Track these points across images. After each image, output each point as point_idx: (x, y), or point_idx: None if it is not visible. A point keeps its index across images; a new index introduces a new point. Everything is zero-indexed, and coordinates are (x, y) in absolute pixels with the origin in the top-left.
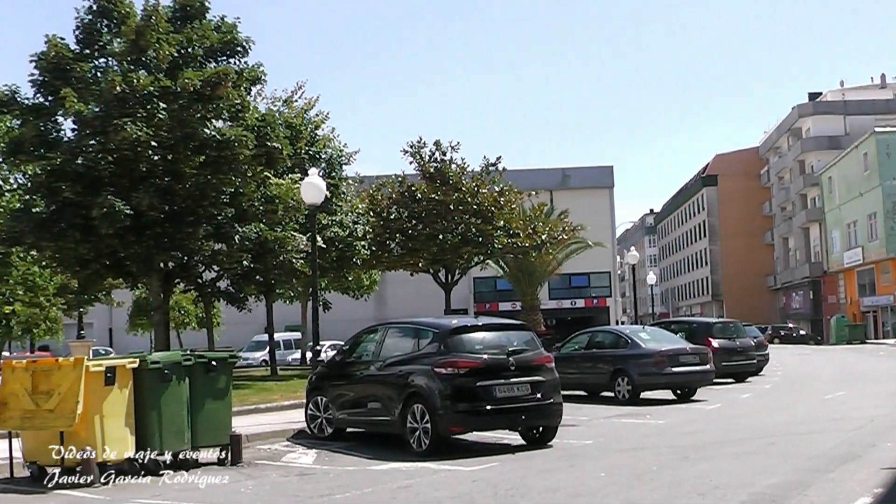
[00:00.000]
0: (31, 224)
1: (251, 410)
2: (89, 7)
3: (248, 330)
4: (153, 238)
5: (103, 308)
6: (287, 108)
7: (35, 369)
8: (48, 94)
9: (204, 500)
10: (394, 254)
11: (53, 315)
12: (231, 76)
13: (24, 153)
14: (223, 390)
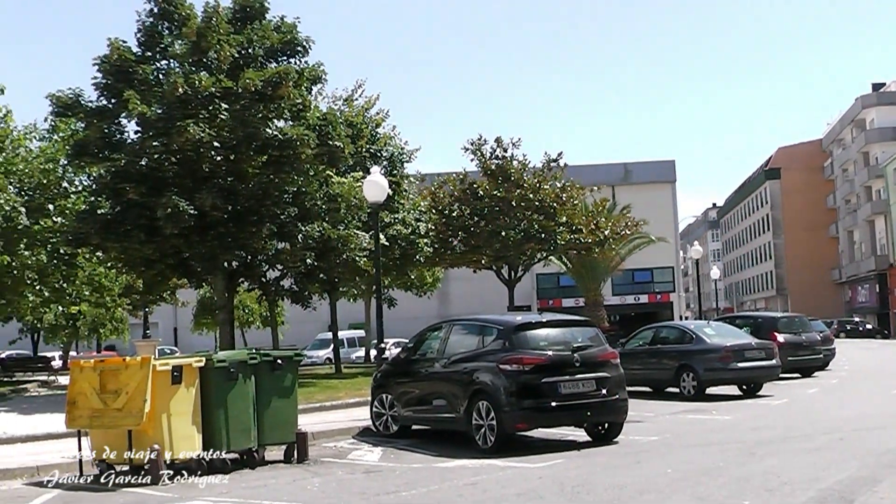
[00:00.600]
0: (97, 225)
1: (316, 408)
2: (150, 10)
3: (312, 328)
4: (217, 238)
5: (168, 308)
6: (347, 106)
7: (103, 369)
8: (111, 96)
9: (271, 497)
10: (456, 251)
11: (119, 315)
12: (292, 76)
13: (89, 155)
14: (289, 388)
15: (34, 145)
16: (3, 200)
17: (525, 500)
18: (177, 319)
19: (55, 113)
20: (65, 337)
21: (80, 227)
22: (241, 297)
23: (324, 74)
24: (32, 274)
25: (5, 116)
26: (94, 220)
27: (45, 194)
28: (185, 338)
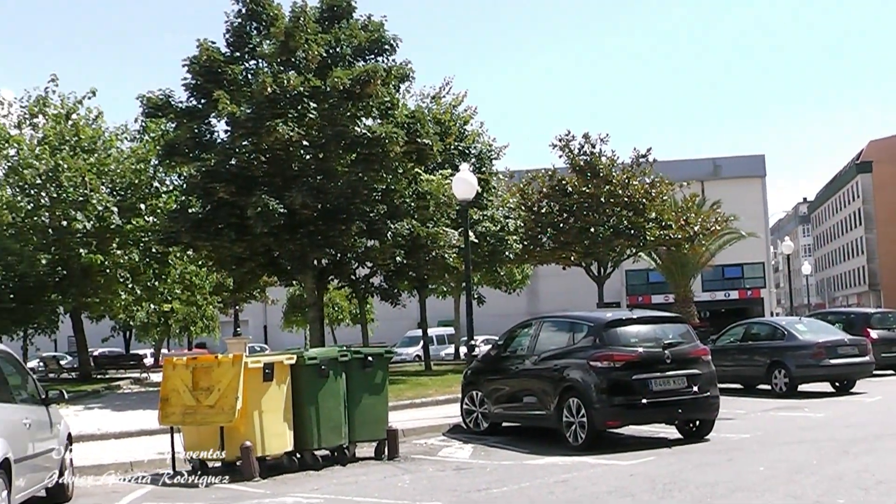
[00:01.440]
0: (188, 224)
1: (406, 405)
2: (239, 11)
3: (402, 325)
4: (307, 236)
5: (258, 305)
6: (435, 104)
7: (195, 366)
8: (201, 97)
9: (361, 494)
10: (545, 248)
11: (210, 313)
12: (380, 74)
13: (179, 155)
14: (379, 385)
15: (125, 146)
16: (96, 200)
17: (616, 497)
18: (266, 317)
19: (146, 114)
20: (156, 335)
21: (171, 226)
22: (330, 294)
23: (411, 72)
24: (125, 273)
25: (97, 118)
26: (185, 219)
27: (136, 194)
28: (275, 335)
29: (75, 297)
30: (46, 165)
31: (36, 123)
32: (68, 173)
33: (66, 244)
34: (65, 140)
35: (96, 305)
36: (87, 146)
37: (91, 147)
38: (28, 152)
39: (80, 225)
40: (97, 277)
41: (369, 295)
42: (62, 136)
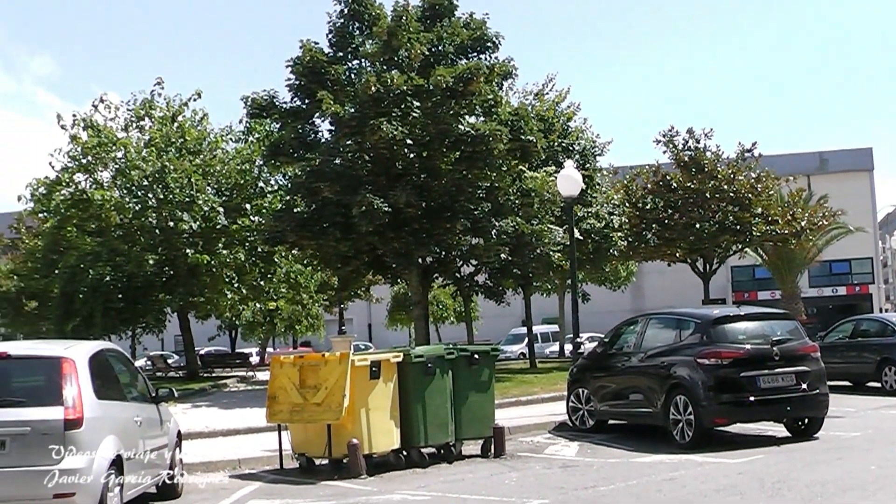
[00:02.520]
0: (293, 223)
1: (512, 403)
2: (341, 11)
3: (506, 323)
4: (412, 234)
5: (362, 304)
6: (539, 101)
7: (302, 364)
8: (305, 97)
9: (468, 492)
10: (650, 244)
11: (315, 312)
12: (483, 72)
13: (284, 155)
14: (486, 383)
15: (230, 147)
16: (202, 201)
17: (725, 495)
18: (371, 315)
19: (250, 115)
20: (262, 333)
21: (276, 225)
22: (435, 292)
23: (514, 70)
24: (230, 272)
25: (202, 120)
26: (290, 218)
27: (241, 194)
28: (380, 333)
29: (182, 297)
30: (153, 167)
31: (142, 126)
32: (174, 175)
33: (173, 244)
34: (171, 142)
35: (203, 305)
36: (193, 148)
37: (197, 148)
38: (135, 154)
39: (187, 225)
40: (203, 277)
41: (474, 293)
42: (168, 138)
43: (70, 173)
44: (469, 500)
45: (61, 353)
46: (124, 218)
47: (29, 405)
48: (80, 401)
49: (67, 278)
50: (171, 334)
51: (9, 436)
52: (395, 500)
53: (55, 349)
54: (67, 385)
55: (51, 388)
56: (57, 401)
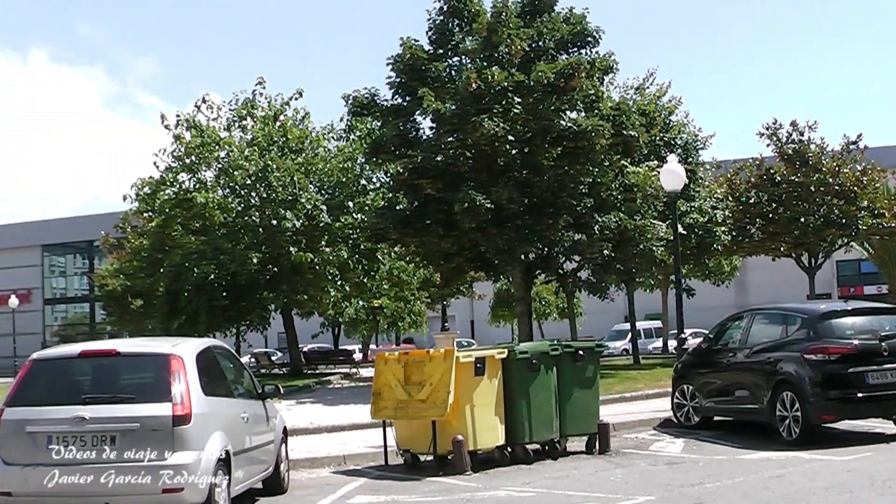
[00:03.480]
0: (395, 221)
1: (616, 399)
2: (440, 8)
3: (609, 319)
4: (514, 230)
5: (465, 300)
6: (640, 95)
7: (407, 361)
8: (406, 94)
9: (573, 488)
10: (754, 238)
11: (418, 308)
12: (583, 67)
13: (385, 153)
14: (590, 379)
15: (332, 145)
16: (305, 199)
17: (834, 493)
18: (473, 312)
19: (352, 113)
20: (365, 330)
21: (379, 222)
22: (537, 288)
23: (615, 64)
24: (334, 270)
25: (304, 118)
26: (392, 215)
27: (344, 192)
28: (482, 330)
29: (286, 294)
30: (256, 166)
31: (245, 126)
32: (277, 173)
33: (277, 242)
34: (273, 141)
35: (306, 302)
36: (295, 146)
37: (299, 147)
38: (238, 154)
39: (290, 223)
40: (307, 274)
41: (577, 289)
42: (270, 138)
43: (174, 173)
44: (574, 497)
45: (169, 350)
46: (228, 217)
47: (138, 401)
48: (188, 397)
49: (172, 277)
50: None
51: (119, 431)
52: (501, 496)
53: (163, 346)
54: (175, 382)
55: (159, 384)
56: (165, 397)
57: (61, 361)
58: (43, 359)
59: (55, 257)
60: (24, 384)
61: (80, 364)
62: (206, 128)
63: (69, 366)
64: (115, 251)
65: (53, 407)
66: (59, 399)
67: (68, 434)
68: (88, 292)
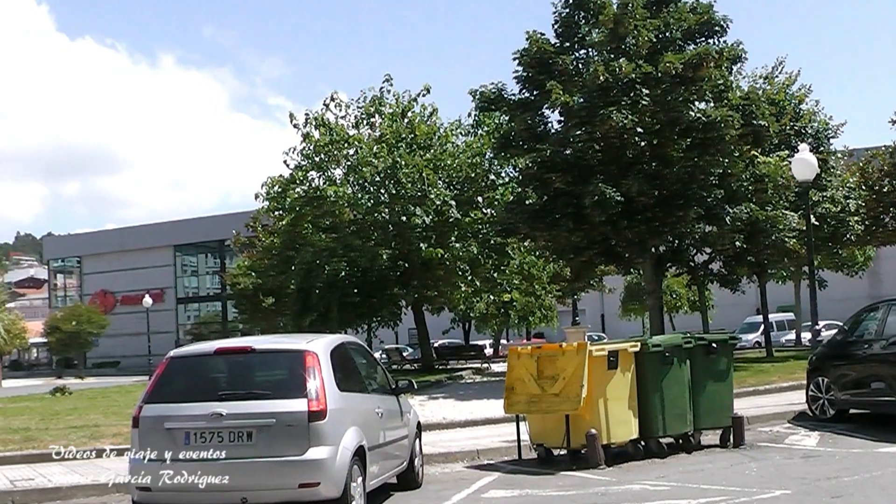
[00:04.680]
0: (525, 215)
1: (748, 392)
2: (566, 1)
3: (740, 311)
4: (644, 223)
5: (594, 294)
6: (769, 84)
7: (540, 355)
8: (533, 88)
9: (708, 482)
10: (888, 228)
11: (548, 303)
12: (711, 56)
13: (514, 147)
14: (724, 372)
15: (460, 141)
16: (434, 195)
17: None
18: (603, 306)
19: (479, 108)
20: (495, 325)
21: (508, 217)
22: (668, 281)
23: (743, 53)
24: (464, 265)
25: (432, 114)
26: (522, 210)
27: (473, 187)
28: (613, 324)
29: (416, 290)
30: (384, 163)
31: (373, 123)
32: (406, 170)
33: (407, 239)
34: (401, 137)
35: (436, 297)
36: (423, 142)
37: (427, 143)
38: (366, 151)
39: (420, 219)
40: (437, 270)
41: (708, 281)
42: (398, 134)
43: (304, 171)
44: (709, 491)
45: (304, 347)
46: (357, 214)
47: (274, 398)
48: (323, 393)
49: (304, 274)
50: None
51: (255, 427)
52: (635, 490)
53: (298, 343)
54: (311, 377)
55: (294, 380)
56: (301, 393)
57: (197, 359)
58: (180, 356)
59: (187, 257)
60: (161, 381)
61: (215, 361)
62: (334, 126)
63: (205, 363)
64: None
65: (190, 403)
66: (195, 396)
67: (205, 430)
68: (220, 291)
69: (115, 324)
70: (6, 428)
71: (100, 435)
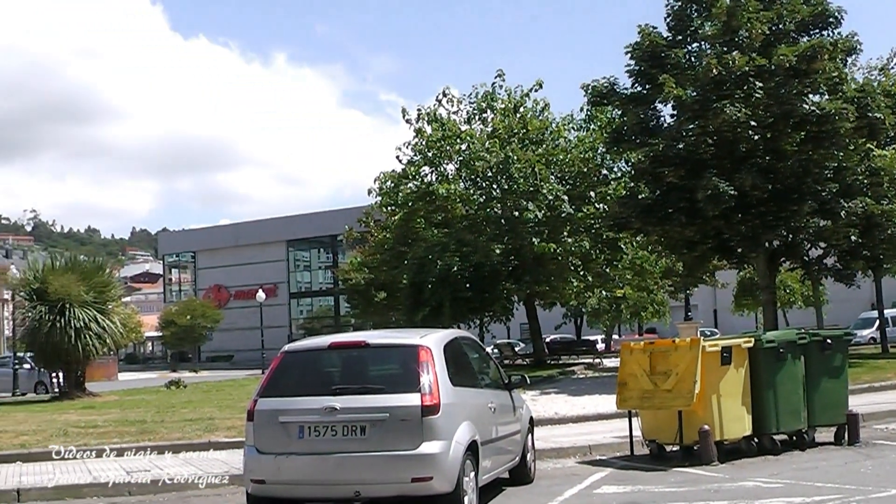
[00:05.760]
0: (638, 210)
1: (864, 389)
2: None
3: (854, 307)
4: (758, 217)
5: (706, 289)
6: (884, 76)
7: (652, 351)
8: (645, 82)
9: (822, 479)
10: None
11: (660, 298)
12: (826, 48)
13: (626, 141)
14: (839, 369)
15: (572, 135)
16: (546, 190)
17: None
18: (716, 301)
19: (591, 102)
20: (607, 321)
21: (621, 212)
22: (782, 276)
23: (858, 45)
24: (576, 260)
25: (544, 109)
26: (634, 204)
27: (585, 182)
28: (725, 319)
29: (528, 285)
30: (497, 158)
31: (485, 118)
32: (518, 165)
33: (519, 234)
34: (513, 132)
35: (548, 293)
36: (535, 137)
37: (539, 138)
38: (478, 146)
39: (532, 214)
40: (549, 265)
41: (822, 276)
42: (511, 129)
43: (416, 166)
44: (823, 489)
45: (418, 341)
46: (469, 209)
47: (387, 392)
48: (436, 387)
49: (416, 269)
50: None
51: (368, 422)
52: (748, 487)
53: (411, 337)
54: (424, 372)
55: (408, 375)
56: (414, 387)
57: (312, 353)
58: (294, 351)
59: (299, 252)
60: (276, 375)
61: (329, 356)
62: (446, 121)
63: (319, 357)
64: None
65: (305, 397)
66: (310, 390)
67: (319, 424)
68: (332, 286)
69: (229, 318)
70: (123, 420)
71: (214, 428)
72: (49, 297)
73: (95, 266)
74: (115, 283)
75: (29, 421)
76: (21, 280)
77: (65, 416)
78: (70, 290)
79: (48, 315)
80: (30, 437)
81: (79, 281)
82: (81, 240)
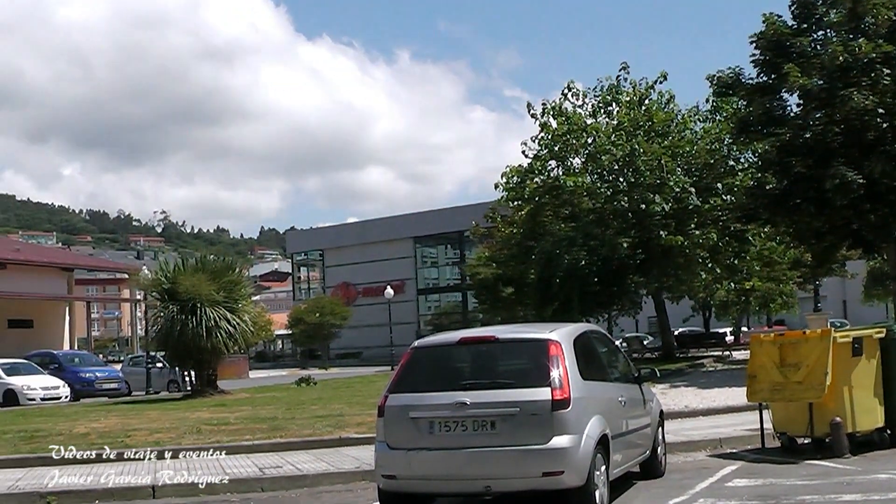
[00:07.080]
0: (765, 200)
1: None
2: None
3: None
4: (888, 206)
5: (836, 280)
6: None
7: (782, 342)
8: (770, 71)
9: None
10: None
11: (788, 289)
12: None
13: (752, 132)
14: None
15: (698, 127)
16: (673, 182)
17: None
18: (845, 291)
19: (716, 93)
20: (735, 313)
21: (748, 203)
22: None
23: None
24: (703, 252)
25: (669, 101)
26: (762, 195)
27: (711, 174)
28: (855, 310)
29: (656, 279)
30: (622, 151)
31: (610, 111)
32: (644, 157)
33: (646, 227)
34: (639, 125)
35: (676, 285)
36: (661, 130)
37: (664, 130)
38: (604, 139)
39: (659, 207)
40: (677, 258)
41: None
42: (636, 122)
43: (542, 161)
44: None
45: (547, 336)
46: (596, 202)
47: (517, 386)
48: (566, 381)
49: (544, 264)
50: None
51: (499, 416)
52: (881, 479)
53: (541, 332)
54: (554, 366)
55: (538, 369)
56: (544, 382)
57: (441, 349)
58: (424, 346)
59: (426, 248)
60: (406, 371)
61: (459, 351)
62: (572, 115)
63: (449, 353)
64: (485, 240)
65: (435, 393)
66: (440, 385)
67: (450, 419)
68: (459, 281)
69: (357, 315)
70: (254, 417)
71: (344, 424)
72: (180, 297)
73: (225, 265)
74: (244, 281)
75: (162, 419)
76: (153, 281)
77: (197, 414)
78: (200, 290)
79: (180, 314)
80: (163, 434)
81: (209, 280)
82: (211, 240)
